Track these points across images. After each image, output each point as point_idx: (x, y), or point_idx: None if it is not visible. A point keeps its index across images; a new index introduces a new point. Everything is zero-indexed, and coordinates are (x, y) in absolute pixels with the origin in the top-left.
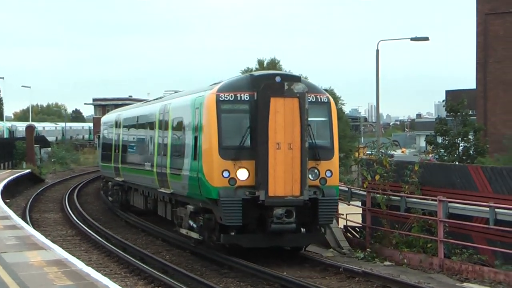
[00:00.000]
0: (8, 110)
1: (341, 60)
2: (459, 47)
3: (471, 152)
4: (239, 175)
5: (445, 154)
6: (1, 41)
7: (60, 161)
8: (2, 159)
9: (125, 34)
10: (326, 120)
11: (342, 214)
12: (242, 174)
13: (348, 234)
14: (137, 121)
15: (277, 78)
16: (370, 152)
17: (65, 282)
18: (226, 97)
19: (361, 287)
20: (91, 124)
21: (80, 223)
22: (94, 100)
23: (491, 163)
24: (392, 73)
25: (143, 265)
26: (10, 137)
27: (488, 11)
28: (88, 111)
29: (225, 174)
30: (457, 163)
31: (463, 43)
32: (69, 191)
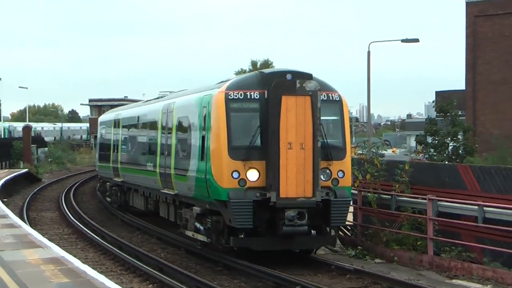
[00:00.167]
0: (6, 110)
1: (332, 61)
2: (448, 48)
3: (460, 151)
4: (249, 176)
5: (435, 153)
6: None
7: (57, 160)
8: (0, 158)
9: (120, 35)
10: (338, 119)
11: None
12: (252, 175)
13: (339, 232)
14: (138, 120)
15: (288, 76)
16: (361, 152)
17: (61, 280)
18: (236, 96)
19: (353, 284)
20: (88, 125)
21: (76, 222)
22: (90, 100)
23: (480, 162)
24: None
25: (139, 263)
26: (8, 137)
27: (477, 13)
28: (84, 111)
29: (235, 175)
30: (446, 162)
31: (453, 44)
32: (66, 190)
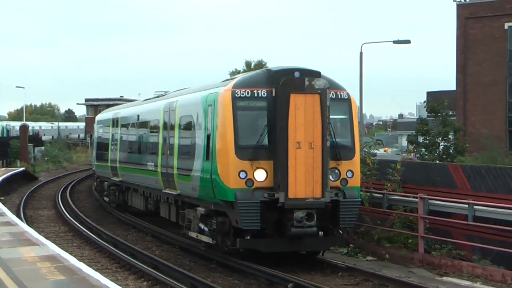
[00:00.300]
0: (3, 109)
1: (324, 62)
2: (440, 50)
3: (451, 151)
4: (256, 176)
5: (426, 153)
6: None
7: (53, 159)
8: None
9: (116, 35)
10: (346, 117)
11: None
12: (259, 175)
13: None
14: (138, 119)
15: (296, 74)
16: None
17: (57, 277)
18: (243, 94)
19: (344, 281)
20: (85, 124)
21: (72, 220)
22: (86, 100)
23: (470, 161)
24: (375, 74)
25: (134, 260)
26: (6, 136)
27: (468, 15)
28: (80, 111)
29: (242, 175)
30: (437, 162)
31: (444, 46)
32: (62, 188)
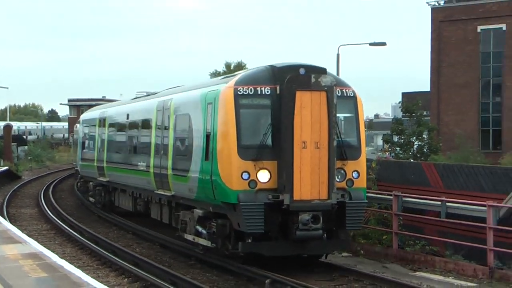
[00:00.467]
0: None
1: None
2: (415, 52)
3: (425, 150)
4: (260, 177)
5: (401, 152)
6: None
7: (36, 158)
8: None
9: (98, 37)
10: (352, 116)
11: None
12: (263, 176)
13: None
14: (127, 118)
15: (301, 70)
16: None
17: (39, 274)
18: (245, 91)
19: (320, 277)
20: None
21: (55, 218)
22: (69, 100)
23: (444, 160)
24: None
25: (115, 257)
26: None
27: (442, 18)
28: (63, 111)
29: (245, 176)
30: (411, 160)
31: (419, 48)
32: (45, 187)
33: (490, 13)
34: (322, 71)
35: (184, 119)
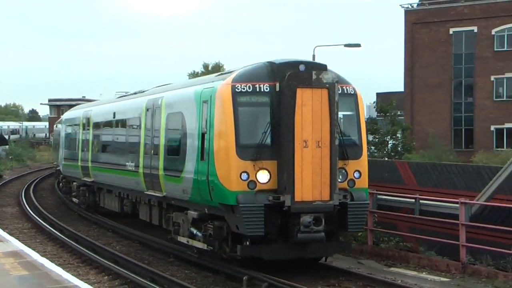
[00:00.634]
0: None
1: None
2: (389, 53)
3: (399, 149)
4: (259, 177)
5: (375, 150)
6: None
7: (17, 158)
8: None
9: (77, 38)
10: (353, 114)
11: None
12: (262, 176)
13: None
14: (114, 117)
15: (301, 67)
16: None
17: (20, 272)
18: (244, 88)
19: (298, 273)
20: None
21: (35, 217)
22: (49, 100)
23: (417, 159)
24: None
25: (95, 255)
26: None
27: (415, 20)
28: (44, 111)
29: (244, 176)
30: (386, 159)
31: (393, 49)
32: (26, 186)
33: (461, 16)
34: (323, 67)
35: (176, 118)
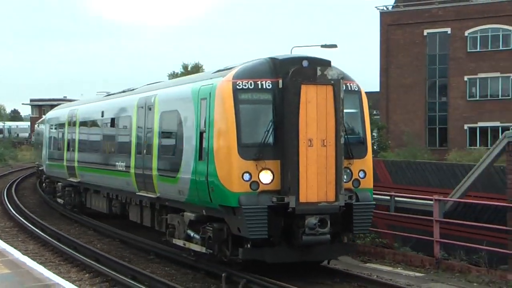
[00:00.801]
0: None
1: None
2: (364, 54)
3: (375, 147)
4: (262, 178)
5: None
6: None
7: None
8: None
9: (56, 39)
10: (357, 111)
11: None
12: (265, 176)
13: None
14: (102, 116)
15: (305, 62)
16: None
17: (2, 271)
18: (245, 85)
19: (275, 270)
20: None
21: (17, 216)
22: (31, 100)
23: (392, 157)
24: None
25: (76, 253)
26: None
27: (390, 22)
28: (26, 111)
29: (246, 177)
30: None
31: (368, 50)
32: (8, 185)
33: (436, 18)
34: (327, 63)
35: (171, 116)
